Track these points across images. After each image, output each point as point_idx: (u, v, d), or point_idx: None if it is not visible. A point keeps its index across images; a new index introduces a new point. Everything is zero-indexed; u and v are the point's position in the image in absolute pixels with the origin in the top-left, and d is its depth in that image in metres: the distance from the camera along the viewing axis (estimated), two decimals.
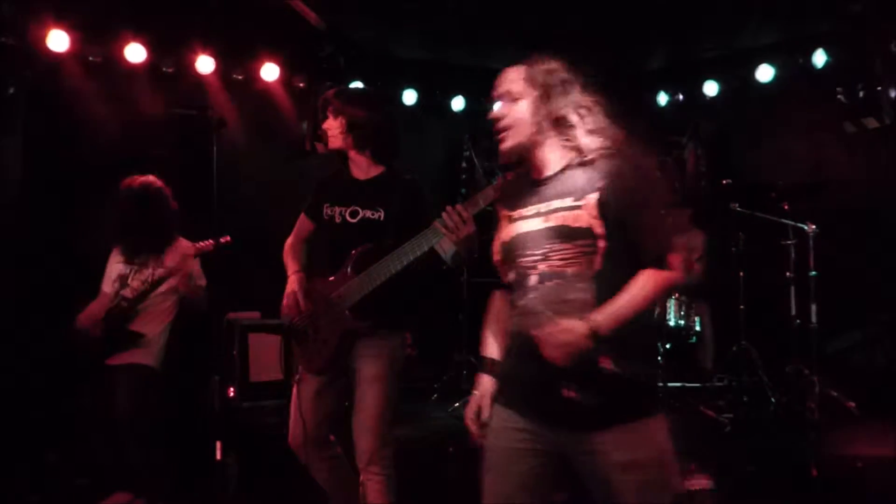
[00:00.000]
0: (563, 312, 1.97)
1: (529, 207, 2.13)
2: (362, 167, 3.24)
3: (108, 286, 4.14)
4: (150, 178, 4.17)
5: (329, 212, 3.22)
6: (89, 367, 3.96)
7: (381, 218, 3.11)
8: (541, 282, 2.06)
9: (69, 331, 4.02)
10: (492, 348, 2.31)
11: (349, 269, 3.07)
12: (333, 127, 3.20)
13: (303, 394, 3.19)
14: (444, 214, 2.61)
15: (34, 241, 5.14)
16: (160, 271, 3.99)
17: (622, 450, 1.98)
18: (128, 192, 4.09)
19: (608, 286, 2.00)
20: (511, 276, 2.18)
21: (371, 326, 3.05)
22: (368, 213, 3.13)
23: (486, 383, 2.29)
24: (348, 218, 3.16)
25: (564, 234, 2.03)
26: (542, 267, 2.07)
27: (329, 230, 3.22)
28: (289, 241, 3.42)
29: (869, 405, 4.86)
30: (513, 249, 2.16)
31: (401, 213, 3.09)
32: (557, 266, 2.04)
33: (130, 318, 4.02)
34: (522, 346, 2.07)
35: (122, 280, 4.10)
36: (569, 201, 2.06)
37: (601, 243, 2.00)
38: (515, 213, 2.19)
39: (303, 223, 3.39)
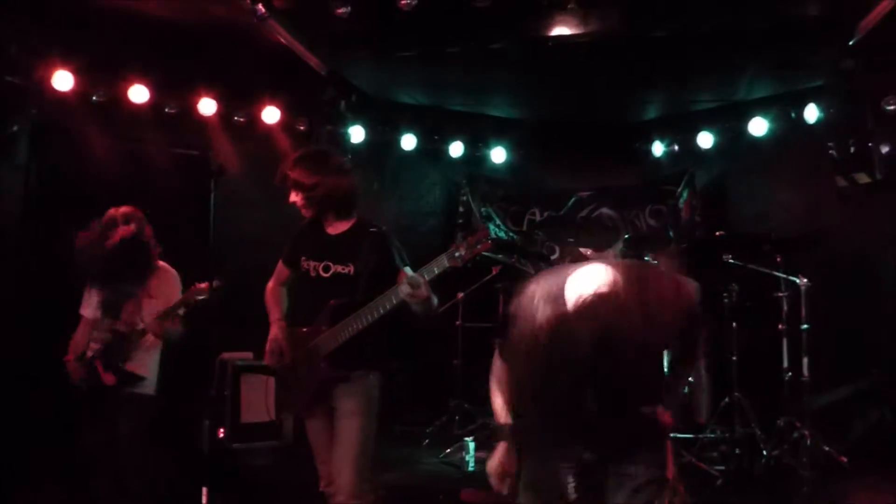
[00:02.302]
0: None
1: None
2: (332, 223, 3.50)
3: (88, 311, 4.17)
4: (131, 208, 4.14)
5: (305, 265, 3.49)
6: (89, 399, 3.99)
7: (352, 272, 3.37)
8: None
9: (64, 367, 4.06)
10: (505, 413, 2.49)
11: (324, 322, 3.35)
12: (297, 200, 3.46)
13: (311, 436, 3.47)
14: (402, 279, 3.09)
15: (36, 276, 5.16)
16: (176, 315, 3.97)
17: (647, 469, 2.32)
18: (110, 217, 4.07)
19: None
20: None
21: (346, 373, 3.32)
22: (339, 268, 3.39)
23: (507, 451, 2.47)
24: (321, 273, 3.43)
25: None
26: None
27: (305, 282, 3.49)
28: (269, 285, 3.71)
29: (861, 460, 4.84)
30: None
31: (370, 267, 3.35)
32: None
33: (128, 357, 4.02)
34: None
35: (108, 308, 4.09)
36: None
37: None
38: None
39: (282, 270, 3.69)
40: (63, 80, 5.37)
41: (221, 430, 5.40)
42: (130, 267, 4.06)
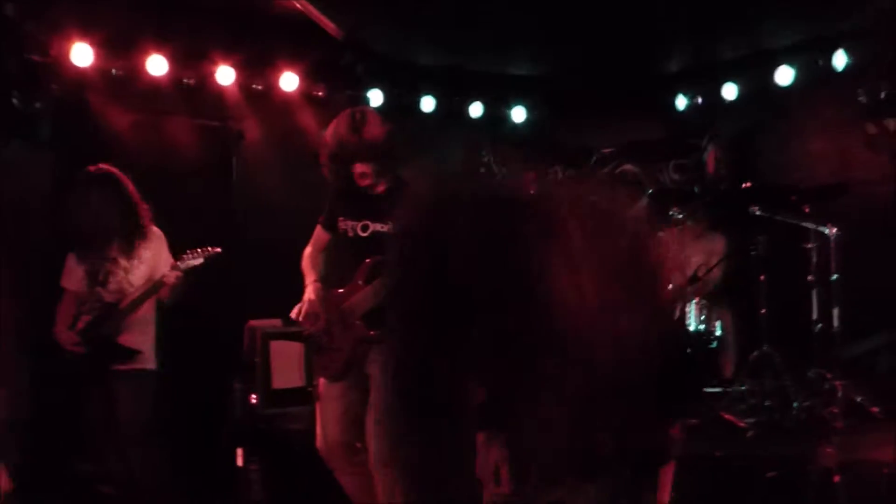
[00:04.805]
0: None
1: None
2: (373, 181, 3.38)
3: (70, 283, 4.01)
4: (106, 166, 4.02)
5: (343, 225, 3.44)
6: (93, 373, 3.89)
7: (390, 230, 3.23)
8: None
9: (56, 343, 3.93)
10: None
11: (360, 280, 3.30)
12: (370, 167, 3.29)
13: (326, 400, 3.39)
14: None
15: (62, 251, 5.22)
16: (168, 277, 3.81)
17: None
18: (85, 178, 3.93)
19: None
20: None
21: (382, 334, 3.18)
22: (378, 227, 3.34)
23: None
24: (360, 232, 3.38)
25: None
26: None
27: (342, 244, 3.45)
28: (306, 251, 3.64)
29: (893, 410, 4.80)
30: None
31: None
32: None
33: (119, 330, 3.89)
34: None
35: (93, 277, 3.93)
36: None
37: None
38: None
39: (319, 234, 3.61)
40: (82, 55, 5.37)
41: (253, 396, 5.49)
42: (110, 227, 3.90)
